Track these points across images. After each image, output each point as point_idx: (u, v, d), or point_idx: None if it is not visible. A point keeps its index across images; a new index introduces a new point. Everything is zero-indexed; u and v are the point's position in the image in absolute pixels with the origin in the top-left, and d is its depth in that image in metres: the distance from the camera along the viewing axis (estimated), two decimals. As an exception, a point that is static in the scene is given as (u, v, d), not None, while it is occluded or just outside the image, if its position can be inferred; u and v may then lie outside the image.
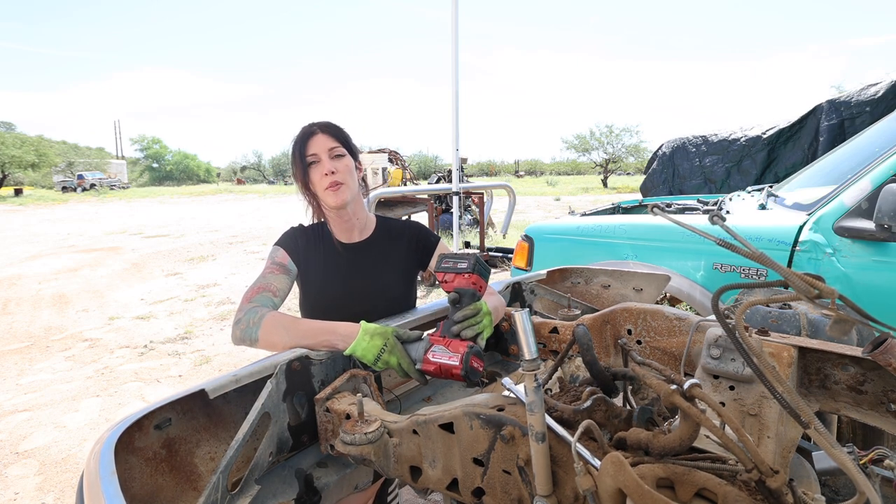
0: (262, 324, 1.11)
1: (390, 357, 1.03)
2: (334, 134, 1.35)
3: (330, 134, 1.34)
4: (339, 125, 1.39)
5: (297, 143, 1.34)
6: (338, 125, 1.38)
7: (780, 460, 0.80)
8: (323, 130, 1.34)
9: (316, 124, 1.36)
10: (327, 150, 1.33)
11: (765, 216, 2.39)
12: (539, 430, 0.64)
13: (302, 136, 1.34)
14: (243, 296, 1.23)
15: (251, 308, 1.15)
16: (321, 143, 1.33)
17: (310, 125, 1.36)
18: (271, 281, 1.28)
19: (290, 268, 1.34)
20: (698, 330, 1.04)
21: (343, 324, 1.08)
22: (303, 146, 1.33)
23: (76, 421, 3.11)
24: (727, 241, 0.64)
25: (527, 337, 0.65)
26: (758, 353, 0.60)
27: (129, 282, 7.02)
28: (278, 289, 1.28)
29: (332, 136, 1.34)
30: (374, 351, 1.02)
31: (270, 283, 1.27)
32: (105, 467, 0.69)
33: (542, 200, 20.36)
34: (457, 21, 3.41)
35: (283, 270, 1.33)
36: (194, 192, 34.38)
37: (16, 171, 32.81)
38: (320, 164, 1.32)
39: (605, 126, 33.43)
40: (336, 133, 1.35)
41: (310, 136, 1.34)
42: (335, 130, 1.36)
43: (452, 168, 3.87)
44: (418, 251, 1.44)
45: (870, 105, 7.19)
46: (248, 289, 1.25)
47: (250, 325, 1.12)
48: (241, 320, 1.14)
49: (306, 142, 1.33)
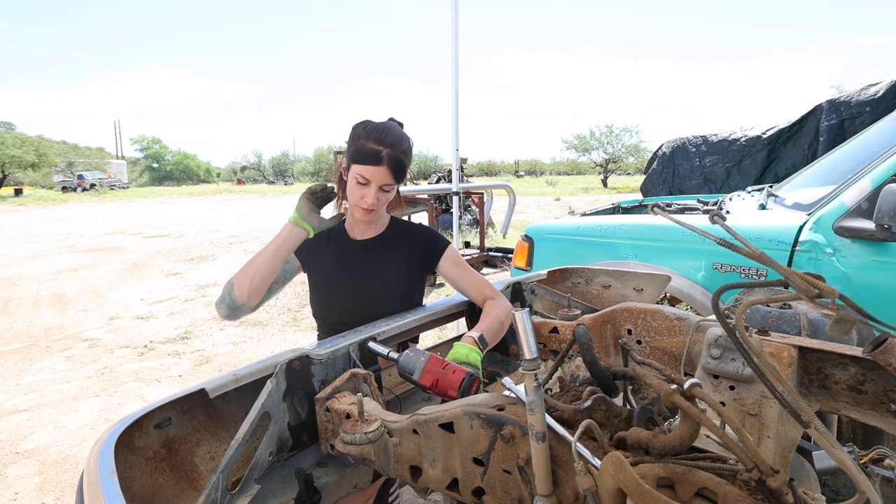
0: (232, 283, 1.28)
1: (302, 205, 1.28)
2: (395, 171, 1.29)
3: (392, 171, 1.28)
4: (403, 158, 1.30)
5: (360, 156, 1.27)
6: (402, 158, 1.30)
7: (781, 460, 0.80)
8: (389, 165, 1.27)
9: (388, 154, 1.27)
10: (382, 185, 1.29)
11: (765, 216, 2.39)
12: (539, 430, 0.64)
13: (369, 155, 1.26)
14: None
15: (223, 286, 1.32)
16: (382, 175, 1.28)
17: (382, 147, 1.26)
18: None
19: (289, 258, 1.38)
20: (698, 330, 1.04)
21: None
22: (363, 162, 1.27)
23: (76, 421, 3.11)
24: (727, 241, 0.64)
25: (527, 337, 0.65)
26: (758, 352, 0.60)
27: (129, 282, 7.02)
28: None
29: (394, 173, 1.29)
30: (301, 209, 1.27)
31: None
32: (105, 467, 0.69)
33: (542, 200, 20.36)
34: (457, 21, 3.41)
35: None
36: (194, 192, 34.37)
37: (16, 171, 32.82)
38: (367, 189, 1.30)
39: (605, 126, 33.50)
40: (397, 170, 1.29)
41: (375, 162, 1.26)
42: (398, 167, 1.29)
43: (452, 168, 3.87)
44: (424, 253, 1.45)
45: (870, 105, 7.19)
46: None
47: (226, 293, 1.28)
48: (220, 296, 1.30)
49: (368, 163, 1.27)
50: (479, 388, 1.02)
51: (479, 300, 1.40)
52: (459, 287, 1.43)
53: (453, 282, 1.44)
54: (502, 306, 1.35)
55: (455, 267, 1.44)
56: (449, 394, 0.97)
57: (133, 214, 18.04)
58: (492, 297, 1.38)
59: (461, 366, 1.02)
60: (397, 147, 1.29)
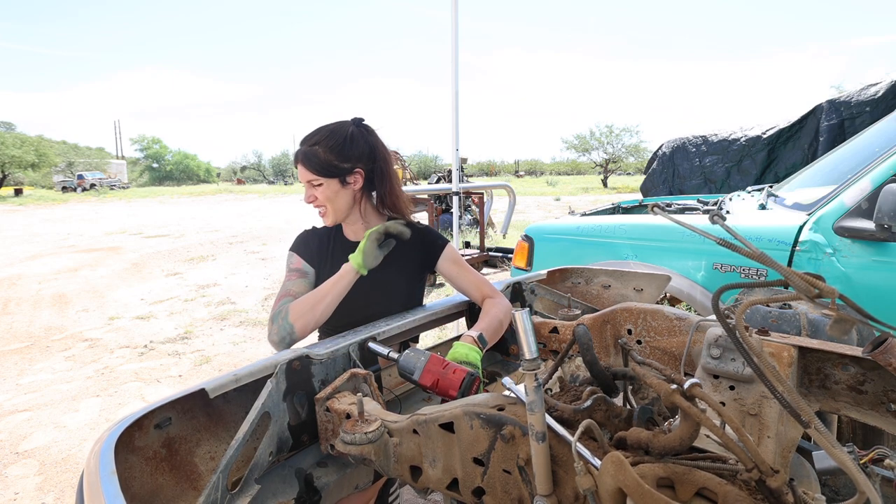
0: (289, 314, 1.25)
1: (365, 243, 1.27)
2: (309, 165, 1.34)
3: (305, 166, 1.34)
4: (317, 150, 1.33)
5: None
6: (315, 151, 1.33)
7: (781, 460, 0.80)
8: (301, 161, 1.35)
9: (298, 152, 1.36)
10: (306, 181, 1.36)
11: (765, 216, 2.39)
12: (539, 430, 0.64)
13: (294, 160, 1.39)
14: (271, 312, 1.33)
15: (276, 312, 1.27)
16: (302, 173, 1.36)
17: (297, 150, 1.38)
18: (290, 287, 1.35)
19: (306, 270, 1.40)
20: (698, 330, 1.04)
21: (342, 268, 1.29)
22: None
23: (76, 421, 3.11)
24: (727, 241, 0.64)
25: (527, 337, 0.65)
26: (758, 352, 0.60)
27: (129, 282, 7.02)
28: (298, 292, 1.34)
29: (308, 168, 1.34)
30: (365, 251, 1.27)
31: (290, 289, 1.34)
32: (105, 467, 0.69)
33: (542, 200, 20.36)
34: (457, 21, 3.41)
35: (301, 275, 1.39)
36: (194, 192, 34.37)
37: (16, 171, 32.80)
38: (306, 191, 1.39)
39: (605, 126, 33.48)
40: (311, 164, 1.33)
41: (296, 164, 1.37)
42: (310, 161, 1.34)
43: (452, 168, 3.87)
44: (424, 252, 1.45)
45: (870, 105, 7.19)
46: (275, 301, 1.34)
47: (281, 323, 1.24)
48: (273, 321, 1.26)
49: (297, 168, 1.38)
50: (480, 387, 1.03)
51: (478, 299, 1.40)
52: (458, 286, 1.44)
53: (452, 280, 1.44)
54: (501, 305, 1.36)
55: (454, 266, 1.44)
56: (449, 393, 0.97)
57: (133, 214, 18.04)
58: (491, 296, 1.39)
59: (461, 365, 1.02)
60: (307, 142, 1.35)
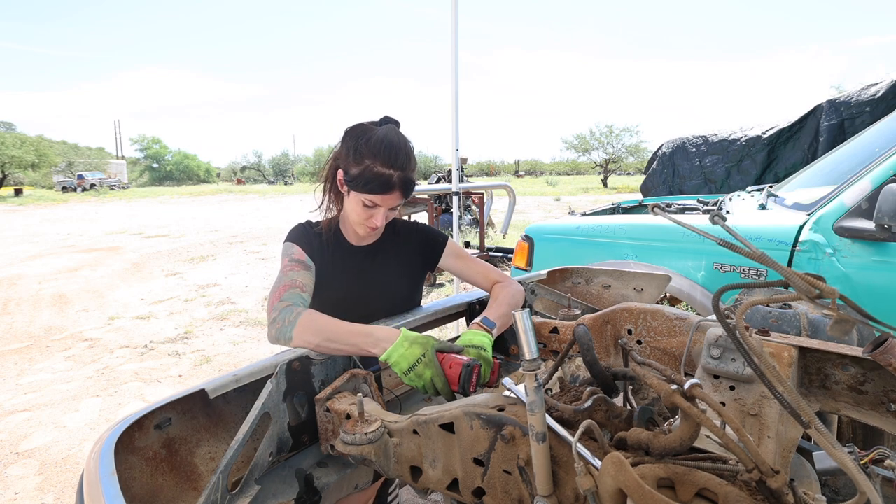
0: (297, 323, 1.07)
1: (425, 370, 0.97)
2: (406, 193, 1.24)
3: (403, 194, 1.24)
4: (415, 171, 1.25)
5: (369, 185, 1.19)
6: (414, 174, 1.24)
7: (781, 460, 0.79)
8: (401, 188, 1.22)
9: (399, 178, 1.20)
10: (391, 206, 1.25)
11: (765, 216, 2.39)
12: (539, 430, 0.64)
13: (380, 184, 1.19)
14: (271, 296, 1.17)
15: (285, 307, 1.11)
16: (391, 200, 1.23)
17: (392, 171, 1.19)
18: (295, 277, 1.21)
19: (308, 263, 1.29)
20: (699, 330, 1.03)
21: (380, 328, 1.05)
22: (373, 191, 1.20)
23: (76, 421, 3.11)
24: (728, 241, 0.64)
25: (527, 337, 0.65)
26: (758, 353, 0.60)
27: (129, 282, 7.01)
28: (304, 284, 1.22)
29: (404, 195, 1.24)
30: (409, 360, 0.98)
31: (295, 279, 1.21)
32: (105, 467, 0.69)
33: (542, 200, 20.36)
34: (457, 21, 3.40)
35: (304, 266, 1.27)
36: (194, 192, 34.35)
37: (16, 171, 32.81)
38: (376, 212, 1.25)
39: (605, 126, 33.48)
40: (408, 191, 1.24)
41: (386, 190, 1.20)
42: (410, 188, 1.23)
43: (452, 168, 3.87)
44: (425, 252, 1.44)
45: (870, 105, 7.20)
46: (274, 289, 1.18)
47: (285, 325, 1.08)
48: (276, 319, 1.10)
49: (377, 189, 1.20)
50: (482, 372, 1.00)
51: (487, 287, 1.39)
52: (466, 277, 1.42)
53: (459, 274, 1.43)
54: (511, 288, 1.34)
55: (458, 260, 1.44)
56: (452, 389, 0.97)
57: (133, 214, 18.03)
58: (499, 281, 1.37)
59: (460, 356, 1.01)
60: (408, 168, 1.22)
